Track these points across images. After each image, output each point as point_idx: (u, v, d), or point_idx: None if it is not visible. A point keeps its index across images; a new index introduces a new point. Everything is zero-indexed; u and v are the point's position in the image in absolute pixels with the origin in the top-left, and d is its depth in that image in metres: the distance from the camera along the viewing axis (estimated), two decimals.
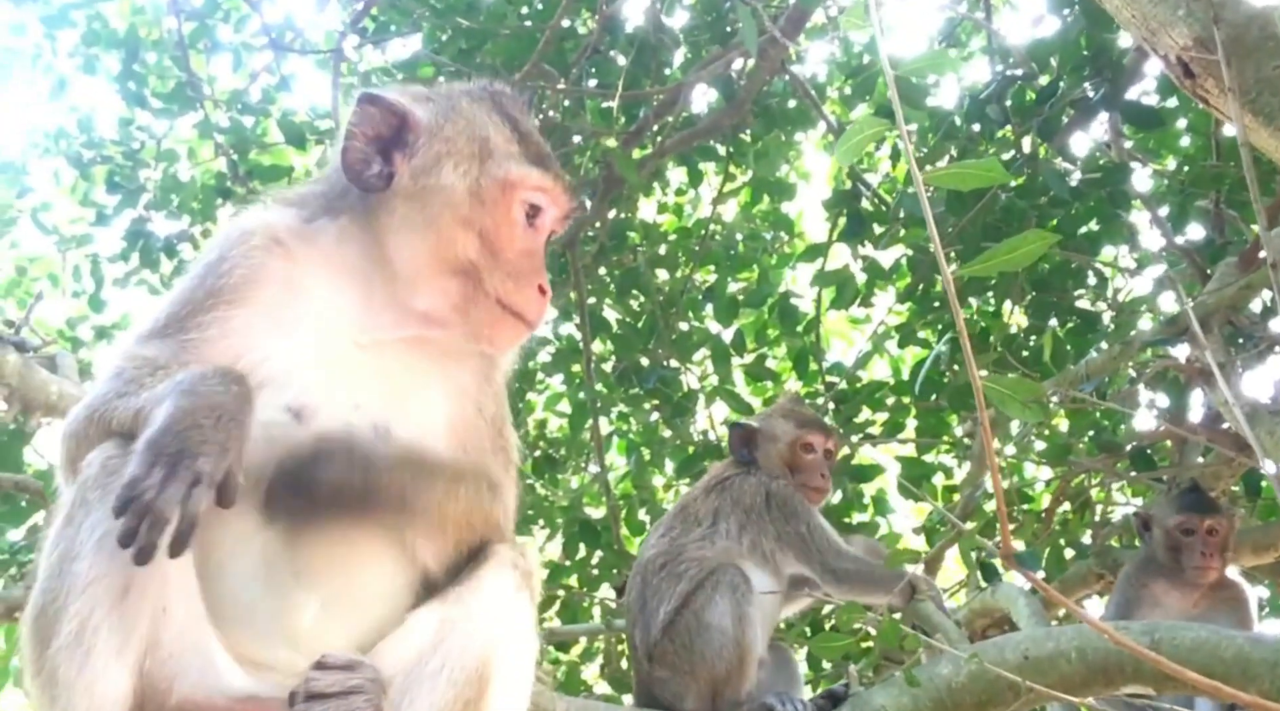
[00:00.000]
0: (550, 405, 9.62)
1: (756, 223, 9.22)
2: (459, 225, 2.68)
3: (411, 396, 2.68)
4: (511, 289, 2.68)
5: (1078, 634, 3.77)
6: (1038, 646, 3.82)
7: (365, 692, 2.34)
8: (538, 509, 8.58)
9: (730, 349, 8.57)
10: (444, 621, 2.51)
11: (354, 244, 2.74)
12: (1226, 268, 5.94)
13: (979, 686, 3.79)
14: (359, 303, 2.71)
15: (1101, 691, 3.82)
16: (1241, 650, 3.60)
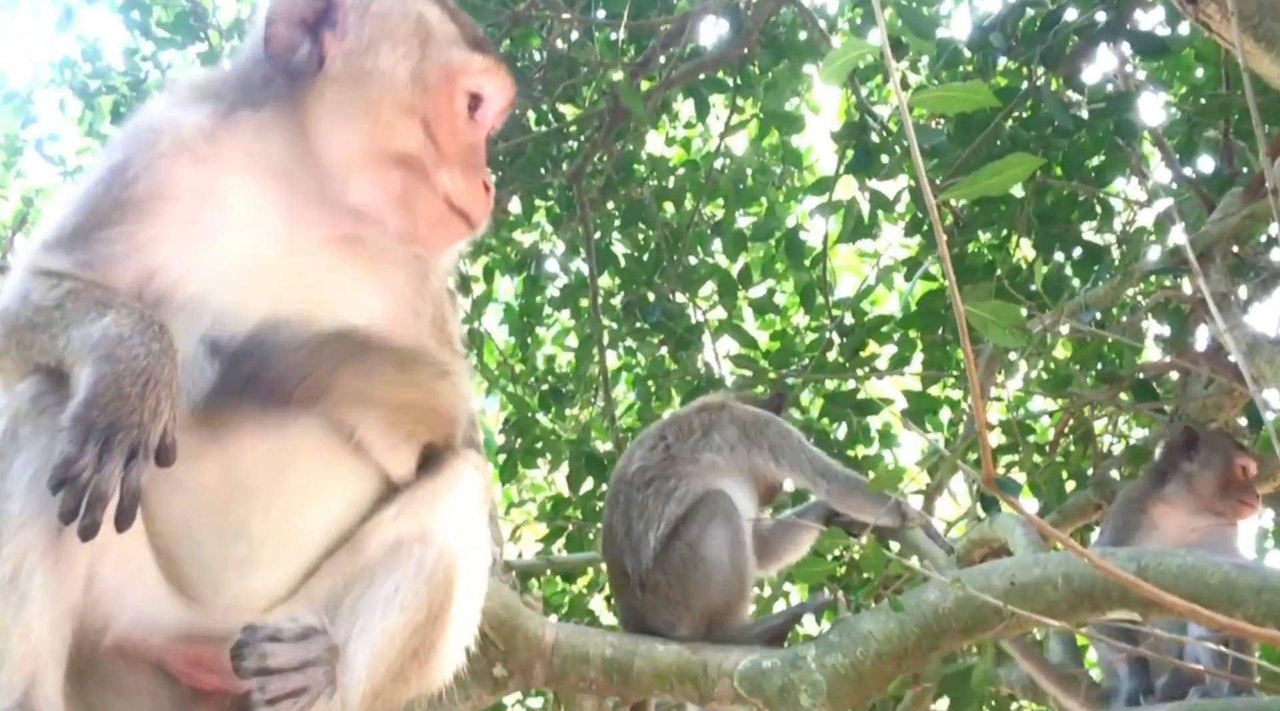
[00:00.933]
0: (558, 340, 9.64)
1: (765, 156, 9.16)
2: (400, 112, 2.50)
3: (341, 301, 2.51)
4: (457, 184, 2.51)
5: (1064, 560, 3.77)
6: (1024, 572, 3.82)
7: (320, 665, 2.28)
8: (545, 442, 8.62)
9: (737, 282, 8.56)
10: (399, 540, 2.44)
11: (278, 138, 2.52)
12: (1232, 198, 5.88)
13: (966, 612, 3.80)
14: (283, 203, 2.50)
15: (1087, 616, 3.82)
16: (1228, 576, 3.60)
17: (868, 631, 3.88)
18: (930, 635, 3.86)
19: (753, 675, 3.85)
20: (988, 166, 2.61)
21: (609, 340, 8.76)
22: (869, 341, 7.87)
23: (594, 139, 8.32)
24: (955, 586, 3.53)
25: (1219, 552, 4.98)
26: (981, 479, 2.58)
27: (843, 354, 7.77)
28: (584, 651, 3.92)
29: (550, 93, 8.28)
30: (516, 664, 3.87)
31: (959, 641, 3.91)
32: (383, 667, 2.38)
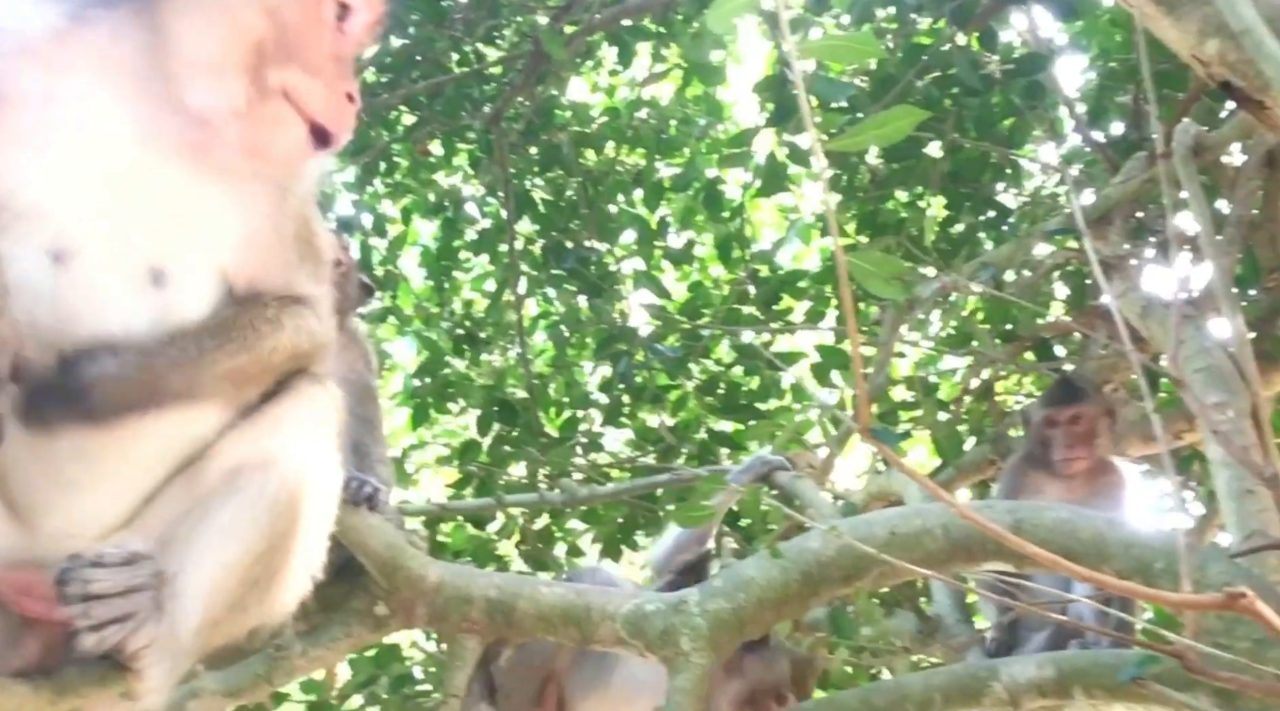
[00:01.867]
0: (476, 284, 9.60)
1: (688, 107, 9.14)
2: (258, 9, 2.35)
3: (195, 221, 2.40)
4: (312, 89, 2.35)
5: (945, 512, 3.82)
6: (905, 523, 3.88)
7: (146, 590, 2.24)
8: (458, 387, 8.61)
9: (656, 232, 8.56)
10: (240, 467, 2.39)
11: (132, 39, 2.35)
12: (1135, 162, 5.95)
13: (847, 560, 3.85)
14: (136, 109, 2.34)
15: (963, 567, 3.89)
16: (1099, 531, 3.67)
17: (750, 577, 3.92)
18: (811, 582, 3.91)
19: (636, 618, 3.88)
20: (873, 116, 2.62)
21: (526, 286, 8.75)
22: (784, 295, 7.92)
23: (515, 82, 8.26)
24: (831, 532, 3.58)
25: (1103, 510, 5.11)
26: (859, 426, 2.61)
27: (758, 306, 7.82)
28: (467, 592, 3.92)
29: (472, 33, 8.21)
30: (398, 603, 3.87)
31: (839, 588, 3.97)
32: (220, 597, 2.35)
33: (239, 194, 2.44)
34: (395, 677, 6.09)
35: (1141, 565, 3.59)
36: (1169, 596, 3.03)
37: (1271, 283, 5.69)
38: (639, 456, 7.82)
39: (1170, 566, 3.53)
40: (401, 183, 9.13)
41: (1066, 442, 5.32)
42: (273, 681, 3.87)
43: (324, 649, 3.88)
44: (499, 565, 7.78)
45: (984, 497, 6.83)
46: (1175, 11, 4.30)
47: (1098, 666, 3.76)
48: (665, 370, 7.78)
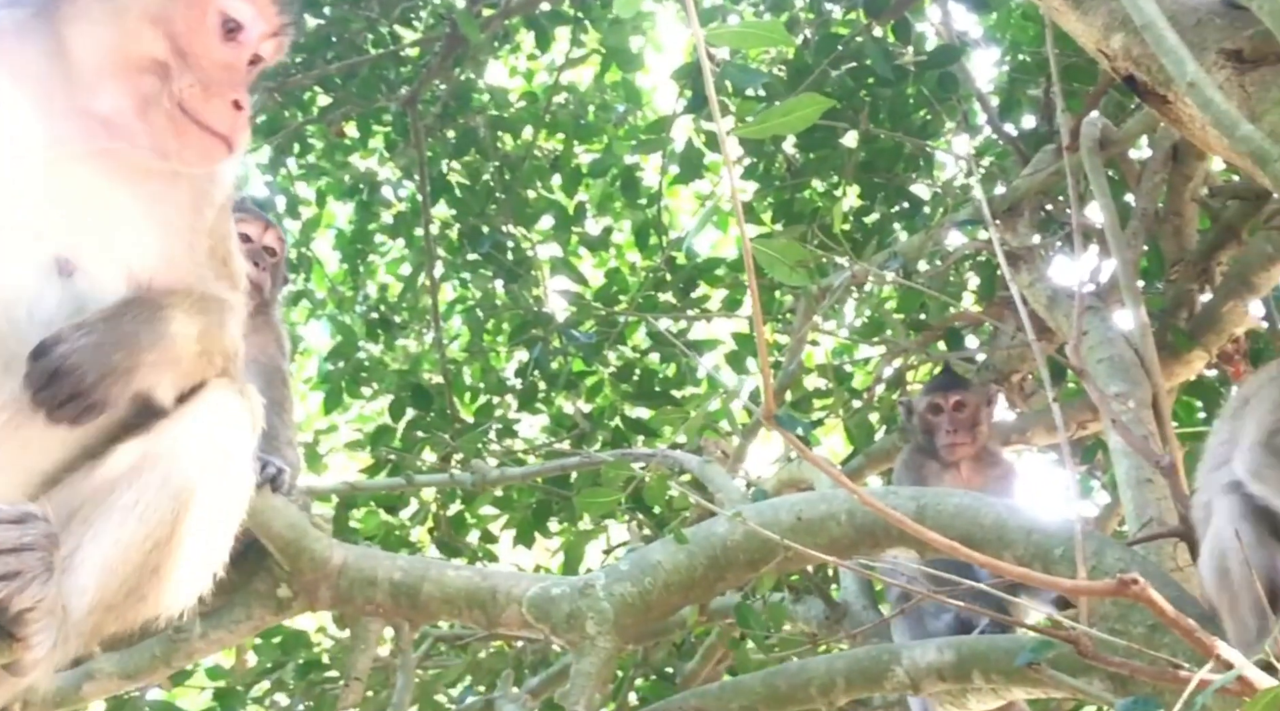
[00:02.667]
0: (391, 268, 9.53)
1: (607, 93, 9.12)
2: (146, 21, 2.38)
3: (102, 218, 2.40)
4: (199, 97, 2.38)
5: (850, 498, 3.86)
6: (811, 508, 3.91)
7: (37, 549, 2.17)
8: (372, 371, 8.54)
9: (573, 218, 8.54)
10: (145, 455, 2.36)
11: (34, 41, 2.39)
12: (1044, 154, 6.04)
13: (752, 544, 3.87)
14: (40, 110, 2.36)
15: (868, 552, 3.93)
16: (999, 517, 3.73)
17: (657, 561, 3.93)
18: (717, 566, 3.93)
19: (541, 602, 3.87)
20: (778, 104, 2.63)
21: (442, 271, 8.69)
22: (700, 282, 7.94)
23: (431, 65, 8.20)
24: (735, 518, 3.60)
25: None
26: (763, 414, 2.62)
27: (673, 293, 7.84)
28: (372, 574, 3.89)
29: (388, 14, 8.13)
30: (302, 585, 3.83)
31: (745, 573, 4.00)
32: (115, 580, 2.31)
33: (146, 196, 2.45)
34: (302, 664, 6.04)
35: (1041, 551, 3.65)
36: (1065, 582, 3.08)
37: (1174, 275, 5.80)
38: (554, 442, 7.80)
39: (1069, 552, 3.59)
40: (316, 164, 9.03)
41: (950, 428, 5.39)
42: (171, 663, 3.81)
43: (225, 631, 3.83)
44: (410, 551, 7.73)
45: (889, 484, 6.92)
46: (1082, 6, 4.37)
47: (996, 651, 3.82)
48: (581, 356, 7.77)
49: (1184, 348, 5.56)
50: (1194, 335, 5.57)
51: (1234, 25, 3.93)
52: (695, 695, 4.24)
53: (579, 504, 4.46)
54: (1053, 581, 3.27)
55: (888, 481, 6.78)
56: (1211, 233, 5.86)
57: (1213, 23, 4.01)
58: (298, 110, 8.63)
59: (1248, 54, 3.89)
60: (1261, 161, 3.26)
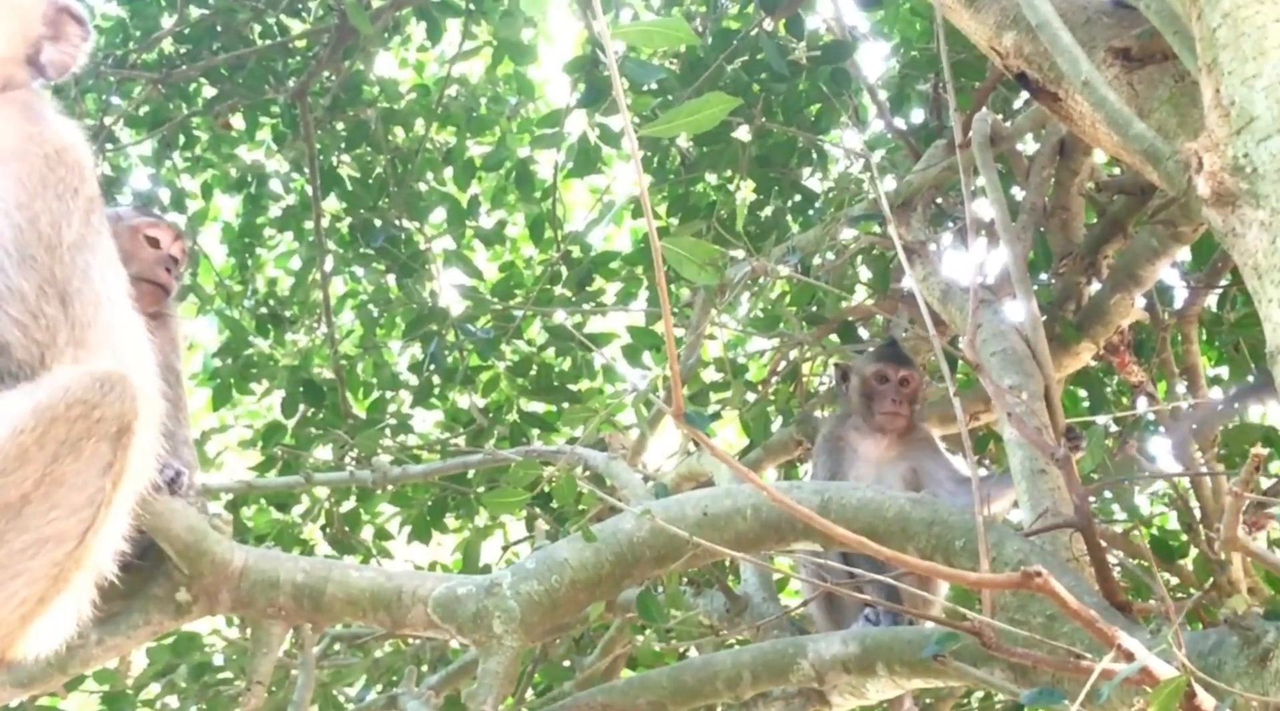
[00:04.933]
0: (280, 262, 9.37)
1: (499, 85, 9.06)
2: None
3: None
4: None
5: (755, 492, 3.88)
6: (716, 503, 3.93)
7: None
8: (261, 368, 8.39)
9: (467, 212, 8.48)
10: None
11: None
12: (935, 150, 6.13)
13: (659, 541, 3.88)
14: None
15: (774, 547, 3.96)
16: (902, 509, 3.78)
17: (563, 559, 3.92)
18: (624, 563, 3.93)
19: (447, 601, 3.84)
20: (687, 103, 2.64)
21: (333, 265, 8.57)
22: (596, 276, 7.94)
23: (320, 56, 8.07)
24: (643, 516, 3.60)
25: (921, 469, 5.26)
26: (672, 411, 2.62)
27: (569, 287, 7.82)
28: (274, 576, 3.82)
29: (274, 5, 7.99)
30: (201, 589, 3.75)
31: (652, 569, 4.00)
32: None
33: None
34: (195, 666, 5.93)
35: (942, 543, 3.70)
36: (969, 576, 3.14)
37: (1062, 268, 5.92)
38: (449, 438, 7.74)
39: (969, 544, 3.65)
40: (202, 157, 8.85)
41: (894, 399, 5.44)
42: (67, 671, 3.70)
43: (122, 637, 3.74)
44: (303, 549, 7.63)
45: (790, 478, 6.98)
46: (975, 4, 4.45)
47: (900, 642, 3.88)
48: (477, 351, 7.72)
49: (1072, 340, 5.68)
50: (1082, 327, 5.70)
51: (1122, 24, 4.04)
52: (602, 691, 4.24)
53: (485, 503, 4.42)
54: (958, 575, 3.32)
55: (784, 475, 6.85)
56: (1098, 227, 6.00)
57: (1101, 21, 4.11)
58: (182, 102, 8.45)
59: (1135, 52, 3.99)
60: (1154, 160, 3.34)
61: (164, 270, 4.26)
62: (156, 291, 4.22)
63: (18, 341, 2.32)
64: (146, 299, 3.89)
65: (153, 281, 4.21)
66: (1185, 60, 3.45)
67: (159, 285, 4.23)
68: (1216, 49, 3.00)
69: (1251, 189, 3.11)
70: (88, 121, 8.14)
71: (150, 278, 4.20)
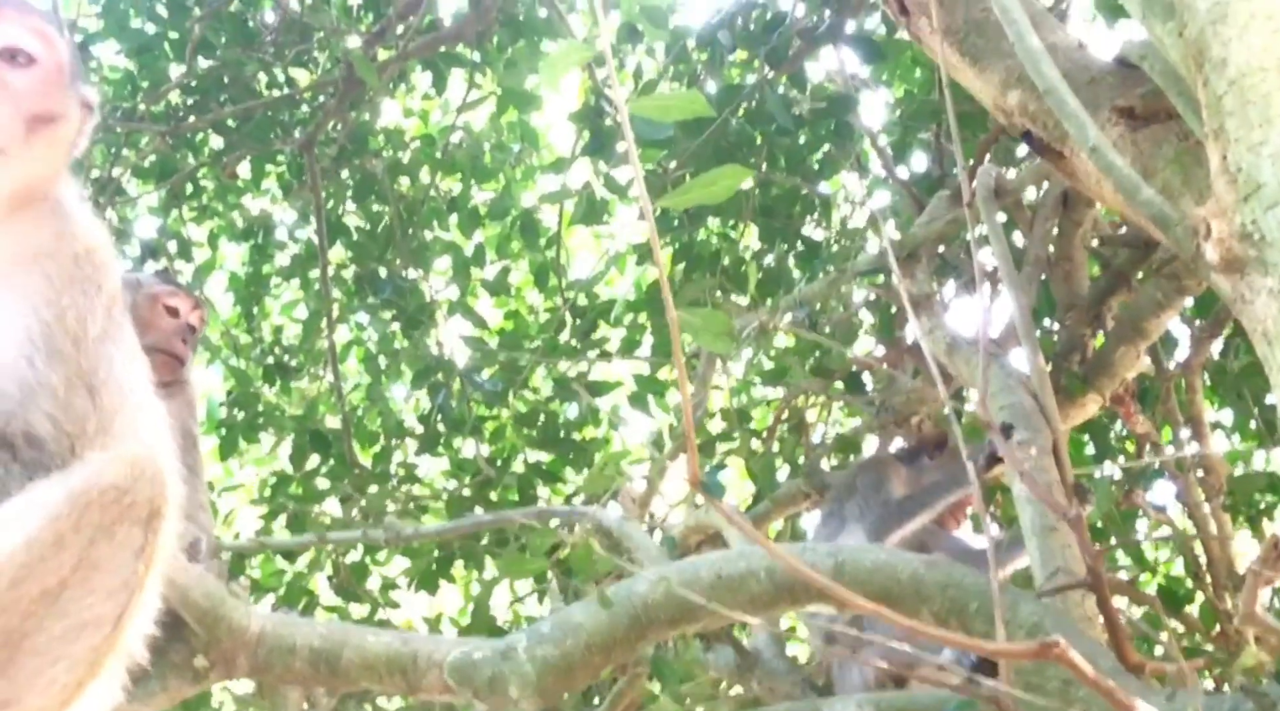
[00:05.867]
0: (286, 311, 9.41)
1: (503, 134, 9.13)
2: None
3: None
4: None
5: (767, 554, 3.91)
6: (730, 565, 3.94)
7: None
8: (268, 417, 8.42)
9: (471, 261, 8.53)
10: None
11: None
12: (939, 201, 6.17)
13: (673, 604, 3.90)
14: None
15: (788, 609, 3.98)
16: (916, 572, 3.80)
17: (579, 622, 3.94)
18: (639, 626, 3.95)
19: (463, 666, 3.86)
20: (701, 177, 2.67)
21: (339, 314, 8.61)
22: (600, 324, 7.98)
23: (327, 107, 8.14)
24: (660, 584, 3.63)
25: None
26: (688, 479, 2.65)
27: (575, 335, 7.87)
28: (291, 642, 3.84)
29: (281, 57, 8.06)
30: (219, 654, 3.76)
31: (666, 632, 4.02)
32: None
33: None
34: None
35: (957, 606, 3.72)
36: (986, 645, 3.14)
37: (1067, 320, 5.95)
38: (457, 489, 7.76)
39: (984, 606, 3.67)
40: (208, 206, 8.91)
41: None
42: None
43: (139, 704, 3.74)
44: (310, 599, 7.63)
45: (795, 530, 7.01)
46: (979, 63, 4.49)
47: (915, 707, 3.89)
48: (484, 402, 7.75)
49: (1078, 391, 5.71)
50: (1088, 379, 5.72)
51: (1126, 83, 4.07)
52: None
53: (500, 567, 4.44)
54: (975, 644, 3.32)
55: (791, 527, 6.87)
56: (1102, 279, 6.03)
57: (1105, 81, 4.14)
58: (189, 153, 8.52)
59: (1140, 112, 4.03)
60: (1162, 225, 3.37)
61: (180, 341, 4.33)
62: (172, 362, 4.27)
63: (49, 434, 2.35)
64: (163, 369, 3.93)
65: (168, 352, 4.26)
66: (1189, 120, 3.49)
67: (175, 355, 4.29)
68: (1223, 116, 3.03)
69: (1260, 256, 3.14)
70: (94, 172, 8.21)
71: (166, 348, 4.26)
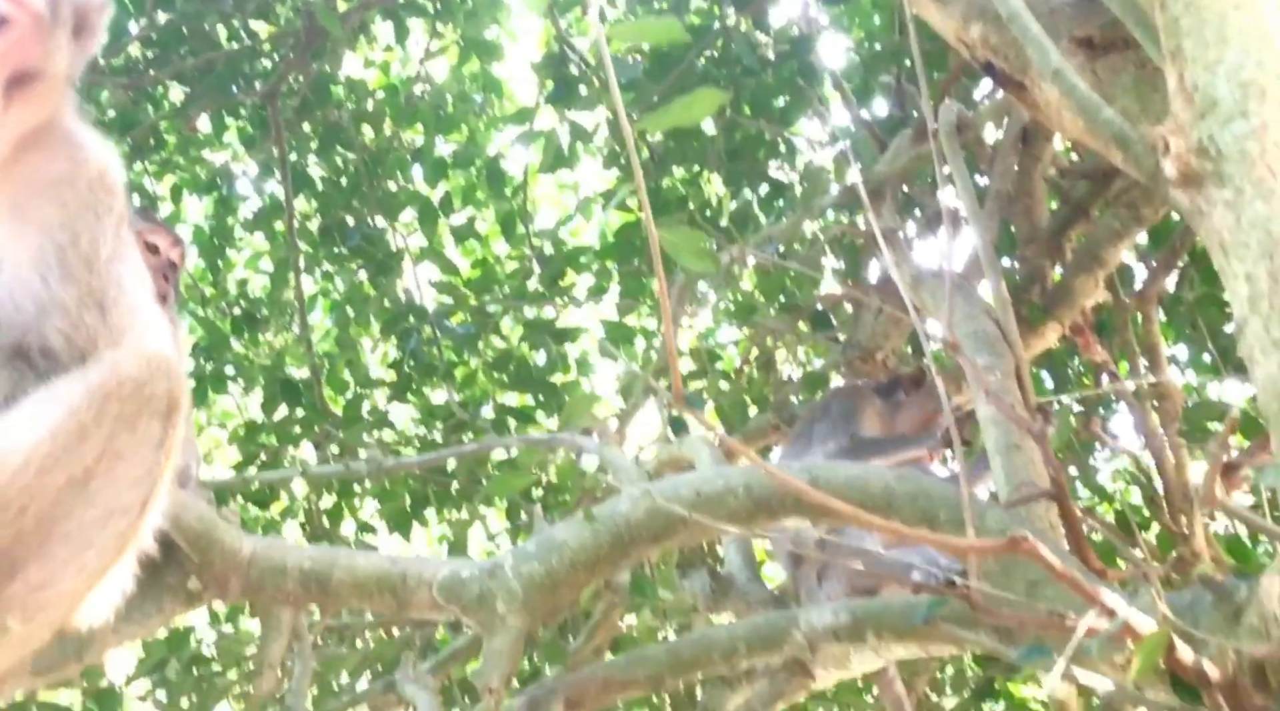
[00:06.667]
0: (251, 263, 9.44)
1: (466, 83, 9.16)
2: None
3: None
4: None
5: (745, 472, 4.04)
6: (709, 484, 4.07)
7: None
8: (237, 367, 8.47)
9: (438, 210, 8.58)
10: None
11: None
12: (902, 139, 6.29)
13: (655, 521, 4.02)
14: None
15: (765, 522, 4.10)
16: (888, 484, 3.93)
17: (563, 541, 4.05)
18: (621, 543, 4.06)
19: (451, 584, 3.96)
20: (679, 99, 2.76)
21: (305, 264, 8.64)
22: (568, 271, 8.07)
23: (289, 58, 8.15)
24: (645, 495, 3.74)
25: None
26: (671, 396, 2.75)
27: (542, 283, 7.95)
28: (281, 563, 3.93)
29: (242, 8, 8.06)
30: (212, 577, 3.85)
31: (648, 548, 4.14)
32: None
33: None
34: (188, 659, 6.01)
35: (928, 516, 3.85)
36: (957, 541, 3.29)
37: (1027, 252, 6.10)
38: (428, 435, 7.85)
39: (953, 516, 3.81)
40: (170, 160, 8.90)
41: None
42: (83, 658, 3.80)
43: (136, 625, 3.83)
44: None
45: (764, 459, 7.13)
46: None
47: (888, 612, 4.04)
48: (454, 347, 7.83)
49: (1038, 321, 5.86)
50: (1048, 309, 5.87)
51: (1084, 14, 4.19)
52: (602, 667, 4.38)
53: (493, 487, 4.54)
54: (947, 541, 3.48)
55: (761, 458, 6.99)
56: (1061, 211, 6.18)
57: (1064, 12, 4.26)
58: (151, 106, 8.50)
59: (1098, 41, 4.15)
60: (1122, 144, 3.50)
61: (162, 277, 4.36)
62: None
63: (62, 348, 2.43)
64: None
65: None
66: (1147, 47, 3.61)
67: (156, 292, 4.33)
68: (1180, 36, 3.15)
69: (1216, 170, 3.27)
70: None
71: None
